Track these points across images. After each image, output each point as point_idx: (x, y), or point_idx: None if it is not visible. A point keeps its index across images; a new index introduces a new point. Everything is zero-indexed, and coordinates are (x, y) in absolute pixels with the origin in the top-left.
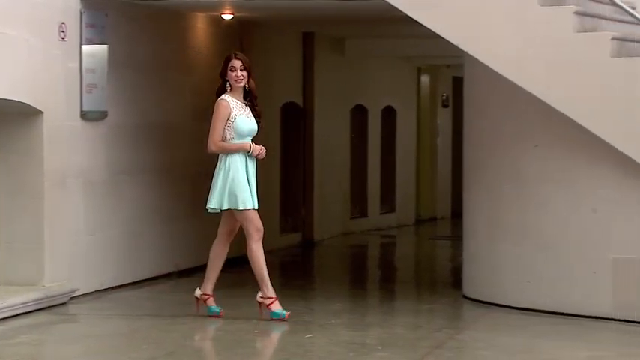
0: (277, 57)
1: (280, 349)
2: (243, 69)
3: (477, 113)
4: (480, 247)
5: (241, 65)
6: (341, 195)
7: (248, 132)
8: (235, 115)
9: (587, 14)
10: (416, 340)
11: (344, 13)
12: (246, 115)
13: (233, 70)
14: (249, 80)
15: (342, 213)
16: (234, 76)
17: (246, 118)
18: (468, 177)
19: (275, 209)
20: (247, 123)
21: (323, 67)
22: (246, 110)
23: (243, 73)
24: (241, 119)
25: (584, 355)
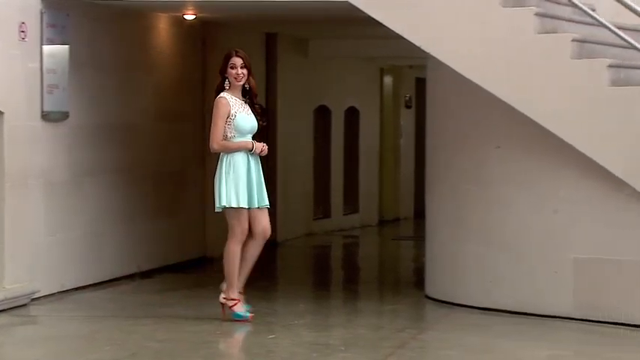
0: None
1: (243, 350)
2: (243, 67)
3: (440, 114)
4: (442, 247)
5: (242, 63)
6: (304, 196)
7: (249, 129)
8: (235, 112)
9: (547, 15)
10: (379, 340)
11: (307, 14)
12: (246, 112)
13: (233, 67)
14: (249, 78)
15: (306, 214)
16: (235, 74)
17: (246, 115)
18: (431, 178)
19: None
20: (248, 120)
21: (286, 67)
22: (245, 108)
23: (243, 71)
24: (241, 117)
25: (545, 354)
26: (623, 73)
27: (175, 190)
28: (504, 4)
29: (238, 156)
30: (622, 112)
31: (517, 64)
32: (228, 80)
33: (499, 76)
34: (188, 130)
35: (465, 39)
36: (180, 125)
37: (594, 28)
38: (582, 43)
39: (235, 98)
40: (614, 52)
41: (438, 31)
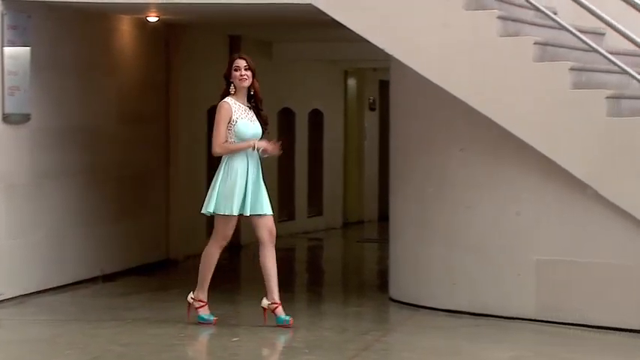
0: (204, 59)
1: (206, 353)
2: (247, 69)
3: (404, 116)
4: (406, 249)
5: (246, 65)
6: None
7: (250, 136)
8: (237, 118)
9: (510, 19)
10: (343, 342)
11: (270, 17)
12: (249, 118)
13: (237, 69)
14: (253, 82)
15: None
16: (239, 75)
17: (248, 122)
18: (395, 180)
19: None
20: (250, 127)
21: None
22: (249, 114)
23: (247, 72)
24: (243, 123)
25: (507, 355)
26: (584, 76)
27: (139, 193)
28: (467, 6)
29: (237, 162)
30: (583, 114)
31: (479, 67)
32: (233, 85)
33: (461, 78)
34: (152, 132)
35: (427, 41)
36: (143, 127)
37: (556, 31)
38: (544, 46)
39: (239, 104)
40: (575, 55)
41: (400, 33)
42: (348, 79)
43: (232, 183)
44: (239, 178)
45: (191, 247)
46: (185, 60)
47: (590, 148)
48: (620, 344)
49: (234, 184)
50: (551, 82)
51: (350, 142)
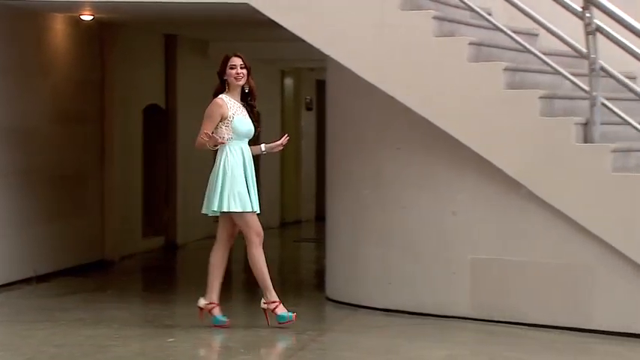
0: (139, 59)
1: (141, 354)
2: (243, 67)
3: (340, 116)
4: (343, 249)
5: (241, 63)
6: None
7: (246, 133)
8: (233, 114)
9: (445, 19)
10: (279, 342)
11: (207, 16)
12: (244, 115)
13: (233, 67)
14: (248, 80)
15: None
16: (235, 74)
17: (244, 118)
18: (332, 180)
19: (137, 212)
20: (245, 124)
21: (186, 69)
22: (243, 111)
23: (243, 71)
24: (239, 119)
25: (443, 354)
26: (518, 76)
27: (73, 193)
28: (403, 7)
29: (233, 158)
30: (517, 114)
31: (415, 67)
32: (227, 82)
33: (397, 77)
34: (87, 132)
35: (363, 41)
36: (78, 127)
37: (491, 31)
38: (479, 46)
39: (234, 101)
40: (509, 55)
41: (336, 32)
42: (285, 79)
43: (239, 179)
44: (240, 174)
45: (127, 247)
46: (120, 59)
47: (524, 147)
48: (555, 342)
49: (240, 180)
50: (485, 82)
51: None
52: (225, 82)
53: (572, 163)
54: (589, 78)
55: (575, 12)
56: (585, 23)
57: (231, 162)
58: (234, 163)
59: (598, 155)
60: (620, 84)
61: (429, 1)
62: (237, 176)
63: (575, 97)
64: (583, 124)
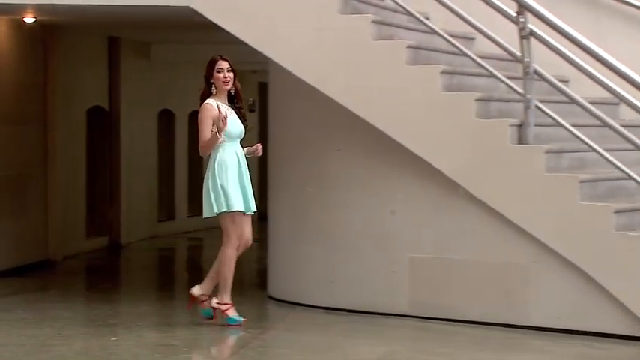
0: (82, 61)
1: (84, 353)
2: (230, 70)
3: (282, 118)
4: (284, 248)
5: (228, 67)
6: (148, 198)
7: (237, 134)
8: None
9: (384, 23)
10: (221, 340)
11: (149, 18)
12: (234, 117)
13: (220, 71)
14: (235, 82)
15: (150, 216)
16: (223, 77)
17: (234, 119)
18: (274, 180)
19: (81, 213)
20: (236, 125)
21: (129, 71)
22: (232, 113)
23: (230, 74)
24: (230, 121)
25: (382, 350)
26: (455, 78)
27: (16, 194)
28: (342, 10)
29: (226, 159)
30: (454, 116)
31: (355, 69)
32: (214, 85)
33: (337, 80)
34: (30, 134)
35: (303, 43)
36: (21, 128)
37: (428, 35)
38: (417, 49)
39: (222, 104)
40: (447, 58)
41: (277, 35)
42: None
43: (228, 180)
44: (234, 175)
45: (70, 247)
46: (64, 61)
47: (461, 148)
48: (489, 338)
49: (231, 181)
50: (423, 85)
51: None
52: (212, 85)
53: (507, 163)
54: (523, 81)
55: (509, 17)
56: (519, 28)
57: (223, 162)
58: (229, 165)
59: (532, 156)
60: (553, 87)
61: (368, 6)
62: (230, 177)
63: (510, 100)
64: (518, 126)
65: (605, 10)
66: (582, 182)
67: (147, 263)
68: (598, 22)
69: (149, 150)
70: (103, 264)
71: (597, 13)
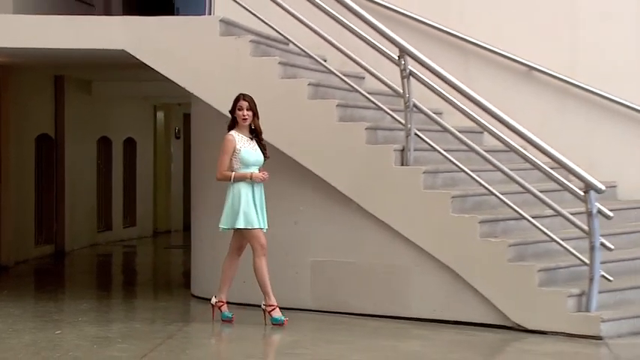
0: (32, 95)
1: (32, 345)
2: (249, 109)
3: (202, 144)
4: (205, 253)
5: (247, 106)
6: (89, 212)
7: (253, 162)
8: (240, 147)
9: (288, 64)
10: (151, 332)
11: (89, 60)
12: (252, 147)
13: (240, 109)
14: (254, 119)
15: (90, 227)
16: (241, 115)
17: (251, 150)
18: (195, 196)
19: (30, 224)
20: (252, 154)
21: (72, 104)
22: (251, 143)
23: (248, 112)
24: (246, 151)
25: (289, 339)
26: (348, 111)
27: None
28: (253, 53)
29: (242, 184)
30: (348, 142)
31: (265, 103)
32: (236, 120)
33: None
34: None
35: (221, 81)
36: None
37: (326, 74)
38: (316, 86)
39: (242, 135)
40: (341, 94)
41: (198, 74)
42: (157, 112)
43: (243, 202)
44: (248, 197)
45: (20, 254)
46: (15, 96)
47: (354, 169)
48: (380, 328)
49: (246, 202)
50: (322, 116)
51: (159, 165)
52: (235, 119)
53: (392, 182)
54: (405, 113)
55: (393, 59)
56: (401, 69)
57: (240, 186)
58: (243, 187)
59: (412, 176)
60: (429, 118)
61: (275, 49)
62: (246, 198)
63: (393, 129)
64: (400, 151)
65: (473, 55)
66: (453, 197)
67: (87, 267)
68: (467, 65)
69: (90, 171)
70: (49, 268)
71: (466, 57)
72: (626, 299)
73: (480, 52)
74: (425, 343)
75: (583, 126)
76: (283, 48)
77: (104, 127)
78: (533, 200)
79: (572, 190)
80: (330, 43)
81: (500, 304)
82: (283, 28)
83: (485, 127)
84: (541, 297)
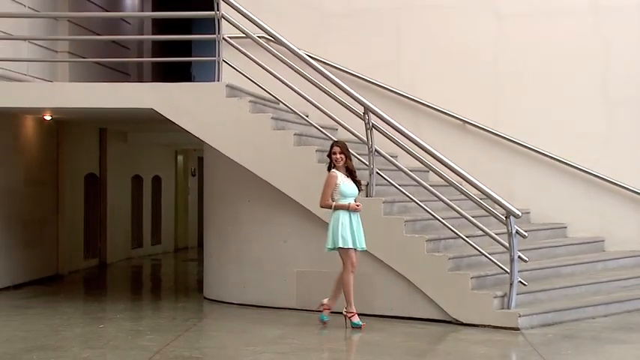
0: (82, 143)
1: (80, 336)
2: (341, 153)
3: (212, 180)
4: (214, 265)
5: (340, 150)
6: (125, 233)
7: (350, 194)
8: (340, 183)
9: (279, 119)
10: (172, 326)
11: (125, 116)
12: (349, 182)
13: (334, 153)
14: (346, 161)
15: (126, 244)
16: (335, 158)
17: (348, 184)
18: (207, 221)
19: (80, 243)
20: (349, 188)
21: (112, 150)
22: (347, 179)
23: (341, 156)
24: (345, 185)
25: (278, 332)
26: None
27: (37, 231)
28: (252, 110)
29: (341, 212)
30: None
31: (259, 148)
32: (332, 163)
33: (248, 155)
34: (46, 192)
35: (226, 132)
36: (40, 188)
37: (307, 127)
38: (300, 136)
39: (339, 173)
40: (320, 141)
41: (209, 127)
42: (178, 156)
43: (343, 226)
44: (346, 223)
45: (73, 265)
46: (70, 144)
47: None
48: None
49: (345, 227)
50: (304, 158)
51: (179, 197)
52: (332, 162)
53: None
54: (368, 157)
55: (359, 115)
56: (365, 123)
57: (340, 215)
58: (342, 213)
59: (374, 205)
60: (387, 160)
61: (268, 107)
62: (343, 223)
63: (360, 169)
64: (365, 185)
65: (421, 112)
66: (406, 221)
67: (124, 276)
68: (416, 119)
69: (125, 201)
70: (95, 277)
71: (416, 114)
72: (537, 299)
73: (426, 109)
74: (384, 334)
75: (504, 167)
76: (274, 106)
77: (137, 168)
78: (467, 224)
79: (496, 215)
80: (310, 102)
81: (442, 304)
82: (274, 91)
83: (430, 167)
84: (473, 298)
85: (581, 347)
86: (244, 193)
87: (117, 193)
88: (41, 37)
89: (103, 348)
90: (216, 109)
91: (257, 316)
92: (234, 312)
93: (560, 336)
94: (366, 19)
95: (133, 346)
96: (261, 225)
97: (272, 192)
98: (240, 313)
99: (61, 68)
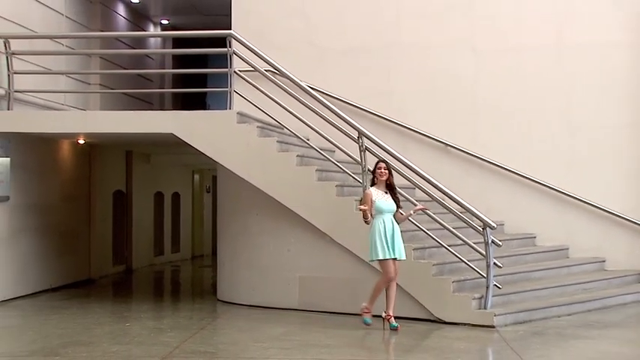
0: (111, 164)
1: (109, 333)
2: (385, 168)
3: (224, 196)
4: (226, 271)
5: (384, 166)
6: (148, 242)
7: (386, 210)
8: (376, 199)
9: (283, 142)
10: (190, 325)
11: (149, 140)
12: (385, 199)
13: (379, 168)
14: (389, 177)
15: (149, 252)
16: (379, 172)
17: (385, 201)
18: (220, 232)
19: (109, 251)
20: (385, 204)
21: (137, 169)
22: (385, 196)
23: (385, 171)
24: (380, 201)
25: (282, 330)
26: (324, 173)
27: (71, 241)
28: (259, 135)
29: (381, 225)
30: (323, 195)
31: (267, 169)
32: (376, 178)
33: (257, 174)
34: (80, 206)
35: (237, 154)
36: (74, 203)
37: (308, 149)
38: (302, 157)
39: (378, 190)
40: (319, 162)
41: (222, 149)
42: (195, 175)
43: (381, 238)
44: (384, 235)
45: (103, 270)
46: (100, 164)
47: (328, 213)
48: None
49: (382, 238)
50: (306, 177)
51: (196, 210)
52: (375, 177)
53: (353, 222)
54: (362, 175)
55: (354, 139)
56: (359, 145)
57: (377, 228)
58: (379, 229)
59: None
60: None
61: (274, 132)
62: (380, 236)
63: (354, 186)
64: (359, 201)
65: (408, 136)
66: None
67: (147, 280)
68: (404, 143)
69: (148, 214)
70: (122, 281)
71: (404, 138)
72: (510, 300)
73: (413, 134)
74: (374, 330)
75: (481, 184)
76: (279, 131)
77: (158, 185)
78: (449, 234)
79: (474, 227)
80: (311, 127)
81: (427, 305)
82: (279, 117)
83: (416, 184)
84: (454, 299)
85: (548, 342)
86: (253, 207)
87: (141, 208)
88: (76, 71)
89: (129, 344)
90: (228, 134)
91: (264, 316)
92: (244, 312)
93: (530, 332)
94: (361, 55)
95: (156, 342)
96: (267, 236)
97: (277, 207)
98: (249, 313)
99: (92, 98)
